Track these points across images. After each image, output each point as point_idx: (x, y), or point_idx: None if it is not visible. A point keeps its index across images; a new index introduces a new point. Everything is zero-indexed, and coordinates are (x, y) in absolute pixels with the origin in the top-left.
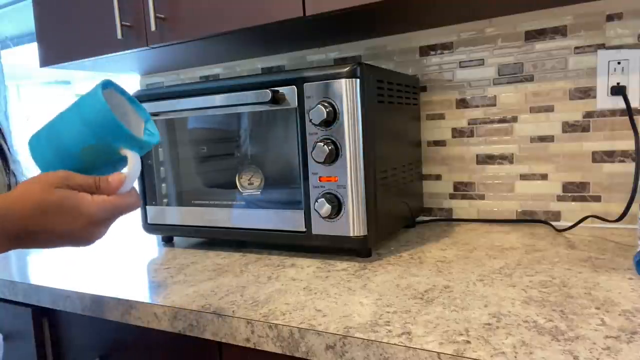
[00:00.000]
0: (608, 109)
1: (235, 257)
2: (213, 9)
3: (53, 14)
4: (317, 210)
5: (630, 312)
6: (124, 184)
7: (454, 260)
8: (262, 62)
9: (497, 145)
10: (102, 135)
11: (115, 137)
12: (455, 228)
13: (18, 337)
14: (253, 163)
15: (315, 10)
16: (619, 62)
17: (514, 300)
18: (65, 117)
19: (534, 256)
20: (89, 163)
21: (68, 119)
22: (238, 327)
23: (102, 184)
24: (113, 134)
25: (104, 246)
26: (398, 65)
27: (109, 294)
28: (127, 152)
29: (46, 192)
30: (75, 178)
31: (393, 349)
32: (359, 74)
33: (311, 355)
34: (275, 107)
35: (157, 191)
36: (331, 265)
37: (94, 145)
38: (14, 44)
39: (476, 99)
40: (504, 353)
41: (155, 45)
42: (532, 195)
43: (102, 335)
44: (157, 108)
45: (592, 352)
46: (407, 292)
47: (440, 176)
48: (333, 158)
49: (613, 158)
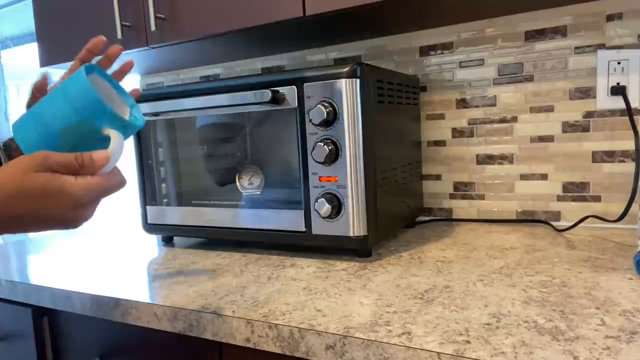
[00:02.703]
0: (608, 109)
1: (235, 257)
2: (213, 9)
3: (53, 14)
4: (317, 210)
5: (630, 312)
6: (108, 161)
7: (454, 260)
8: (262, 62)
9: (497, 145)
10: (84, 112)
11: (98, 116)
12: (455, 228)
13: (18, 337)
14: (253, 163)
15: (315, 10)
16: (619, 62)
17: (514, 300)
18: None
19: (534, 256)
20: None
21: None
22: (238, 327)
23: (86, 161)
24: (96, 112)
25: (104, 246)
26: (398, 65)
27: (109, 294)
28: (110, 132)
29: (26, 176)
30: (55, 157)
31: (393, 349)
32: (359, 74)
33: (311, 355)
34: (275, 107)
35: (157, 191)
36: (331, 265)
37: (76, 124)
38: (14, 44)
39: (476, 99)
40: (504, 353)
41: (155, 45)
42: (532, 195)
43: (102, 335)
44: (157, 108)
45: (592, 352)
46: (407, 292)
47: (440, 176)
48: (333, 158)
49: (613, 158)
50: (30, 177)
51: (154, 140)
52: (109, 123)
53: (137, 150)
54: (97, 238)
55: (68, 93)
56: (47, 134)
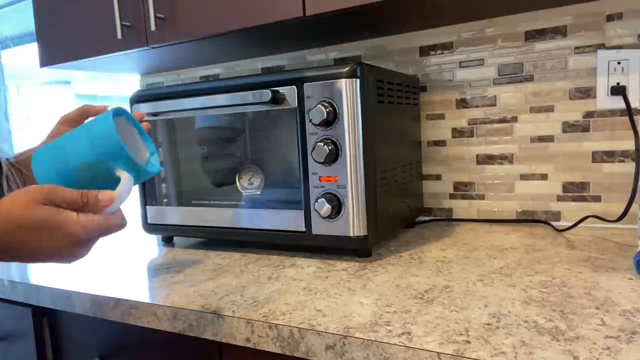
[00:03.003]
0: (608, 109)
1: (235, 257)
2: (213, 9)
3: (53, 13)
4: (317, 210)
5: (630, 312)
6: (113, 202)
7: (454, 260)
8: (262, 62)
9: (497, 145)
10: (102, 152)
11: (115, 157)
12: (455, 228)
13: (18, 337)
14: (253, 163)
15: (315, 10)
16: (619, 62)
17: (514, 300)
18: (73, 133)
19: (534, 256)
20: (83, 180)
21: (75, 135)
22: (238, 327)
23: (91, 200)
24: (113, 153)
25: (104, 246)
26: (398, 65)
27: (109, 294)
28: (121, 173)
29: (29, 208)
30: (62, 193)
31: (393, 349)
32: (359, 74)
33: (311, 355)
34: (275, 107)
35: (157, 191)
36: (331, 265)
37: (92, 162)
38: (14, 44)
39: (476, 99)
40: (504, 353)
41: (155, 45)
42: (532, 195)
43: (102, 335)
44: (157, 108)
45: (592, 352)
46: (407, 292)
47: (440, 176)
48: (333, 158)
49: (613, 158)
50: (32, 209)
51: (153, 140)
52: (124, 166)
53: None
54: None
55: (91, 131)
56: (63, 168)
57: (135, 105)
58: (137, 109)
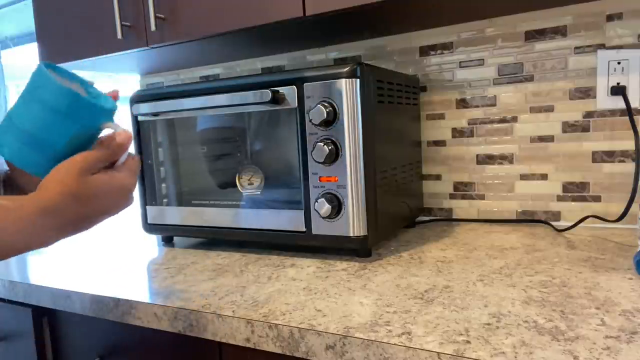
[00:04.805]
0: (608, 109)
1: (235, 257)
2: (213, 9)
3: (53, 13)
4: (317, 210)
5: (630, 312)
6: (131, 137)
7: (454, 260)
8: (262, 62)
9: (497, 145)
10: (80, 119)
11: (93, 116)
12: (455, 228)
13: (18, 337)
14: (253, 163)
15: (315, 10)
16: (619, 62)
17: (514, 300)
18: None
19: (534, 256)
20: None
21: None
22: (238, 327)
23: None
24: (90, 115)
25: (103, 246)
26: (398, 65)
27: (109, 294)
28: (109, 125)
29: (84, 182)
30: (90, 157)
31: (393, 349)
32: (359, 74)
33: (311, 355)
34: (275, 107)
35: (157, 191)
36: (331, 265)
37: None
38: (14, 44)
39: (476, 99)
40: (504, 353)
41: (155, 45)
42: (532, 195)
43: (102, 335)
44: (157, 108)
45: (592, 352)
46: (407, 292)
47: (440, 176)
48: (333, 158)
49: (613, 158)
50: (87, 182)
51: (154, 140)
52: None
53: (137, 150)
54: (97, 238)
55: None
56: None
57: (135, 105)
58: (137, 109)
